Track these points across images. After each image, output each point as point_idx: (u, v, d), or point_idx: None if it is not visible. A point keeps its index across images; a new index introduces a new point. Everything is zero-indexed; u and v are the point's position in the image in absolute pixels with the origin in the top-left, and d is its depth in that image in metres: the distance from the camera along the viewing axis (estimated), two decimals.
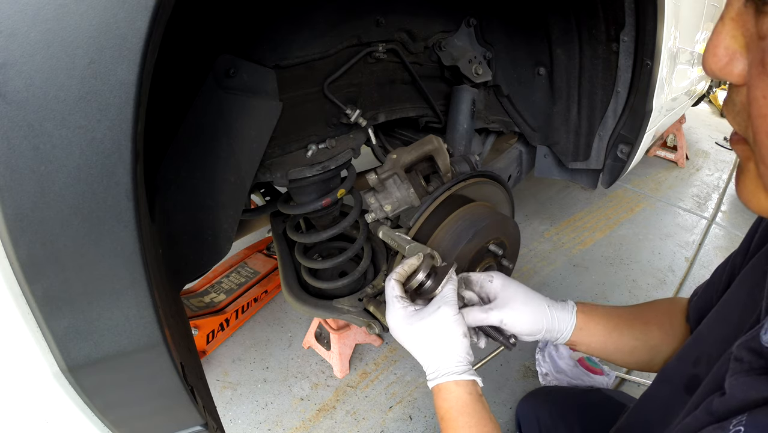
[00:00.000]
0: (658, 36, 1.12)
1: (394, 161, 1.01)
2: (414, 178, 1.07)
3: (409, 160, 1.02)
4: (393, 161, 1.01)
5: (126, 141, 0.41)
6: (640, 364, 0.87)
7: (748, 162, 0.40)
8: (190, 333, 0.79)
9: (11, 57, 0.36)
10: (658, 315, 0.86)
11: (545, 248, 2.46)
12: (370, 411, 1.59)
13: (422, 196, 1.04)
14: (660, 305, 0.89)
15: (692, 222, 2.87)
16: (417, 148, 1.04)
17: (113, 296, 0.46)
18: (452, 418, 0.70)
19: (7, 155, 0.38)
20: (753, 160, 0.39)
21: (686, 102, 2.32)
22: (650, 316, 0.86)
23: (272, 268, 2.04)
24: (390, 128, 1.55)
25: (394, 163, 1.01)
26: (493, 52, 1.36)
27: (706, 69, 0.39)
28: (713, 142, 4.28)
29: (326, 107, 1.06)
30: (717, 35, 0.37)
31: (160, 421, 0.61)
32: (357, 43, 1.03)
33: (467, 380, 0.72)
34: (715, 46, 0.37)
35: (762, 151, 0.36)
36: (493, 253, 1.04)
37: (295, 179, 1.04)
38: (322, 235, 1.19)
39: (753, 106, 0.35)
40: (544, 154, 1.62)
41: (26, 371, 0.47)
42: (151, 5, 0.39)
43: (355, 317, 1.16)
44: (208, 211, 0.82)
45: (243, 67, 0.80)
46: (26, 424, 0.50)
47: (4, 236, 0.40)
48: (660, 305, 0.89)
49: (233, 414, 1.57)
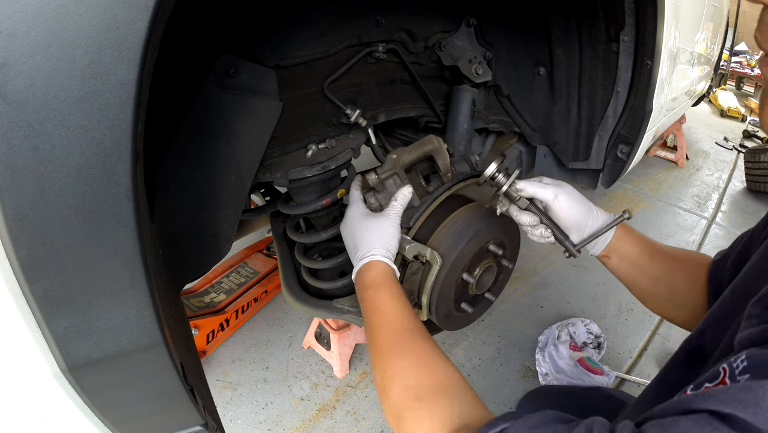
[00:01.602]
0: (658, 36, 1.12)
1: (394, 161, 1.01)
2: (414, 178, 1.07)
3: (409, 160, 1.02)
4: (393, 161, 1.01)
5: (126, 141, 0.41)
6: (659, 301, 0.88)
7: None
8: (190, 333, 0.79)
9: (11, 57, 0.36)
10: (687, 260, 0.87)
11: (545, 248, 2.46)
12: (370, 411, 1.59)
13: (422, 196, 1.04)
14: (690, 254, 0.90)
15: (692, 222, 2.87)
16: (417, 148, 1.04)
17: (113, 296, 0.46)
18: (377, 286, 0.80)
19: (7, 155, 0.38)
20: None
21: (686, 102, 2.32)
22: (679, 257, 0.88)
23: (272, 268, 2.04)
24: (390, 128, 1.54)
25: (394, 163, 1.01)
26: (493, 52, 1.36)
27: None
28: (713, 142, 4.29)
29: (326, 107, 1.06)
30: None
31: (160, 421, 0.61)
32: (357, 43, 1.03)
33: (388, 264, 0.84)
34: None
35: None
36: (493, 253, 1.04)
37: (295, 179, 1.04)
38: (322, 235, 1.19)
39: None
40: (544, 154, 1.62)
41: (26, 371, 0.47)
42: (151, 5, 0.39)
43: (355, 317, 1.16)
44: (208, 211, 0.82)
45: (243, 67, 0.80)
46: (26, 424, 0.50)
47: (4, 236, 0.40)
48: (690, 253, 0.90)
49: (233, 414, 1.57)
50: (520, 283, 2.20)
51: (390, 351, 0.70)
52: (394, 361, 0.69)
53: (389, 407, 0.66)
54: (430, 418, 0.60)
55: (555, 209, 0.86)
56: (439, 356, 0.68)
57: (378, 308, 0.77)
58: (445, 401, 0.61)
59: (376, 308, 0.77)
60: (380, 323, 0.75)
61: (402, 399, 0.64)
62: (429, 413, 0.60)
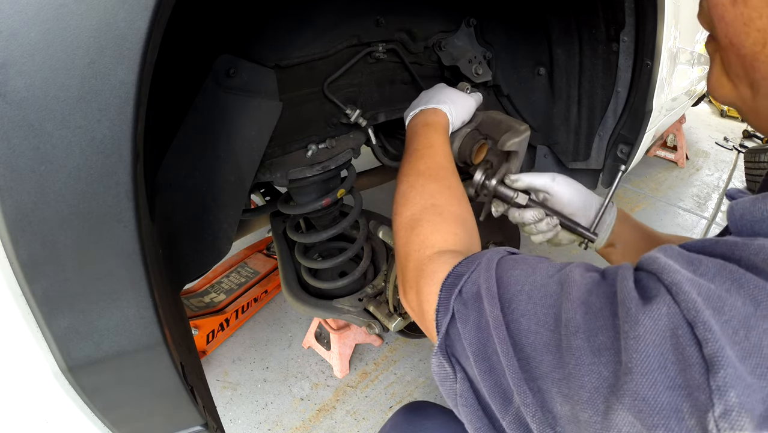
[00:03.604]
0: (658, 36, 1.12)
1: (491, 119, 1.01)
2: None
3: (498, 138, 1.00)
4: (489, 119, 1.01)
5: (126, 141, 0.41)
6: None
7: (715, 55, 0.50)
8: (190, 333, 0.79)
9: (11, 57, 0.36)
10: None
11: (545, 248, 2.46)
12: (370, 411, 1.59)
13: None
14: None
15: (692, 222, 2.87)
16: (517, 135, 1.02)
17: (113, 296, 0.46)
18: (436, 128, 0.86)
19: (7, 155, 0.38)
20: (718, 52, 0.49)
21: (686, 102, 2.32)
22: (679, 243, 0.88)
23: (272, 268, 2.04)
24: (390, 128, 1.55)
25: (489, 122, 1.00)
26: (493, 52, 1.36)
27: None
28: (713, 142, 4.28)
29: (326, 107, 1.06)
30: None
31: (160, 421, 0.61)
32: (357, 43, 1.03)
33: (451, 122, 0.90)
34: None
35: (718, 37, 0.46)
36: None
37: (295, 179, 1.04)
38: (322, 235, 1.19)
39: (713, 10, 0.45)
40: (543, 154, 1.61)
41: (26, 371, 0.47)
42: (151, 5, 0.39)
43: (355, 317, 1.16)
44: (208, 211, 0.82)
45: (243, 67, 0.80)
46: (26, 424, 0.50)
47: (4, 236, 0.40)
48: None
49: (233, 414, 1.57)
50: None
51: (427, 174, 0.76)
52: (429, 182, 0.74)
53: (407, 216, 0.70)
54: (444, 232, 0.65)
55: (556, 194, 0.86)
56: (465, 198, 0.75)
57: (430, 142, 0.82)
58: (461, 229, 0.67)
59: (429, 140, 0.83)
60: (427, 153, 0.80)
61: (425, 211, 0.69)
62: (446, 228, 0.66)
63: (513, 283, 0.47)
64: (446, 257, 0.59)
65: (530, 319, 0.44)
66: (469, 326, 0.48)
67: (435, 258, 0.60)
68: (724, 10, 0.44)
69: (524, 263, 0.50)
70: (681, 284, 0.36)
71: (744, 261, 0.36)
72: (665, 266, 0.38)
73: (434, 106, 0.90)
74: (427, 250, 0.63)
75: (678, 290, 0.35)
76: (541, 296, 0.44)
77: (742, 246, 0.37)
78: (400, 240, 0.69)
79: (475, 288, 0.50)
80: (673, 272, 0.37)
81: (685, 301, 0.35)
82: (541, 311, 0.43)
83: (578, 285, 0.42)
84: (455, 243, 0.64)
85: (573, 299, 0.41)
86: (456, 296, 0.51)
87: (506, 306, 0.46)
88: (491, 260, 0.52)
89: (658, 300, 0.36)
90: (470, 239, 0.67)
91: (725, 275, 0.36)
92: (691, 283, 0.35)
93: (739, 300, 0.34)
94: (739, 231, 0.42)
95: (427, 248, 0.63)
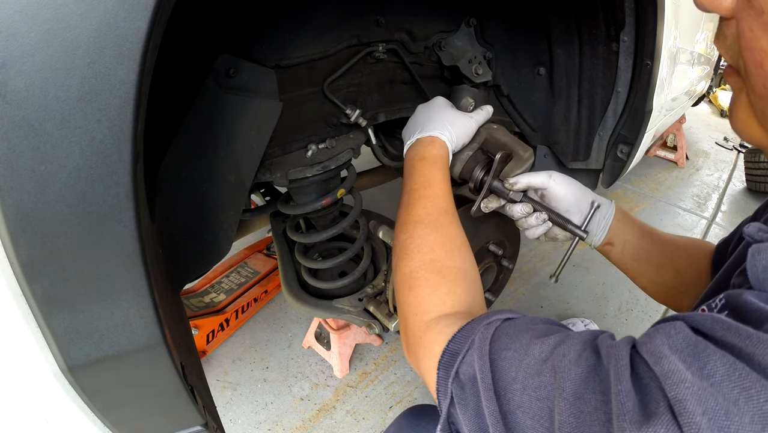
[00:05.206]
0: (658, 36, 1.12)
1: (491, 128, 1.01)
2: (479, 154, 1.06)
3: (497, 137, 1.00)
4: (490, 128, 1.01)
5: (126, 141, 0.41)
6: (665, 290, 0.87)
7: (741, 93, 0.44)
8: (190, 333, 0.79)
9: (11, 57, 0.36)
10: (689, 246, 0.86)
11: (545, 248, 2.46)
12: (370, 411, 1.59)
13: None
14: (691, 240, 0.89)
15: (692, 222, 2.87)
16: (512, 139, 1.03)
17: (113, 296, 0.46)
18: (434, 161, 0.82)
19: (7, 155, 0.38)
20: (744, 90, 0.42)
21: (686, 102, 2.32)
22: (681, 243, 0.87)
23: (272, 268, 2.04)
24: (390, 128, 1.55)
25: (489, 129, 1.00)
26: (493, 52, 1.36)
27: (697, 3, 0.42)
28: (713, 142, 4.28)
29: (326, 107, 1.06)
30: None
31: (160, 421, 0.61)
32: (357, 43, 1.03)
33: (449, 150, 0.87)
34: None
35: (751, 81, 0.40)
36: (493, 253, 1.04)
37: (295, 179, 1.04)
38: (322, 235, 1.19)
39: (741, 38, 0.39)
40: (544, 154, 1.61)
41: (26, 371, 0.47)
42: (151, 5, 0.39)
43: (355, 317, 1.16)
44: (208, 211, 0.82)
45: (243, 67, 0.80)
46: (26, 424, 0.50)
47: (4, 236, 0.40)
48: (691, 240, 0.90)
49: (233, 414, 1.57)
50: (520, 283, 2.20)
51: (426, 222, 0.72)
52: (427, 232, 0.71)
53: (405, 272, 0.68)
54: (442, 294, 0.62)
55: (552, 190, 0.86)
56: (466, 246, 0.71)
57: (428, 180, 0.79)
58: (461, 286, 0.64)
59: (426, 179, 0.79)
60: (425, 194, 0.77)
61: (423, 269, 0.66)
62: (446, 289, 0.63)
63: (507, 368, 0.46)
64: (442, 325, 0.58)
65: (526, 412, 0.43)
66: (468, 413, 0.48)
67: (432, 326, 0.59)
68: (764, 57, 0.38)
69: (518, 340, 0.48)
70: (685, 401, 0.33)
71: (757, 360, 0.33)
72: (669, 373, 0.35)
73: (431, 134, 0.87)
74: (424, 315, 0.61)
75: (682, 409, 0.33)
76: (535, 387, 0.43)
77: (756, 341, 0.33)
78: (399, 297, 0.68)
79: (471, 371, 0.49)
80: (677, 384, 0.34)
81: (688, 424, 0.32)
82: (536, 405, 0.42)
83: (572, 377, 0.41)
84: (453, 304, 0.62)
85: (566, 396, 0.40)
86: (453, 378, 0.51)
87: (501, 395, 0.45)
88: (484, 338, 0.50)
89: (657, 421, 0.33)
90: (470, 294, 0.64)
91: (734, 380, 0.33)
92: (697, 399, 0.32)
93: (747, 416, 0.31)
94: (762, 285, 0.38)
95: (424, 313, 0.62)
